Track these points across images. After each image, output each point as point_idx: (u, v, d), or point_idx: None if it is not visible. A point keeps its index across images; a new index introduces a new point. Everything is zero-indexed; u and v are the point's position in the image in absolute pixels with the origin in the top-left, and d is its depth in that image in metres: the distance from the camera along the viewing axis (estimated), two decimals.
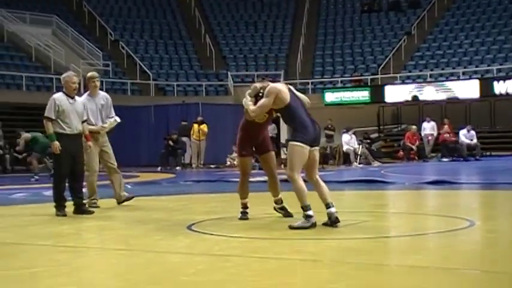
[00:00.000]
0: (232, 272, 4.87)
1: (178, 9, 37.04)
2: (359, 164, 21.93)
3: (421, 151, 25.00)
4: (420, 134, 25.35)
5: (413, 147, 24.47)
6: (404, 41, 32.26)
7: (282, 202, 7.89)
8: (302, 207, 6.82)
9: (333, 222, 6.78)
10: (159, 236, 6.76)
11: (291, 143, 6.95)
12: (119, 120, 10.14)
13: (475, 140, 24.14)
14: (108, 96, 10.12)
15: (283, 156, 24.56)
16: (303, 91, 30.37)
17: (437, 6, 33.98)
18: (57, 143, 8.65)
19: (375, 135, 28.11)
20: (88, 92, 9.79)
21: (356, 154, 22.40)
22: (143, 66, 31.56)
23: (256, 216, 7.98)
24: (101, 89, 10.40)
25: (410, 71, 30.65)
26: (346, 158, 22.96)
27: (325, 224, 6.83)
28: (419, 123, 26.11)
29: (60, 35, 31.52)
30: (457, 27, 32.50)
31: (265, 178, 8.26)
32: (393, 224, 7.73)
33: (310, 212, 6.77)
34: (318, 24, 35.82)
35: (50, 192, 9.63)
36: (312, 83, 30.93)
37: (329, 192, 6.99)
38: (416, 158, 24.70)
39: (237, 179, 8.23)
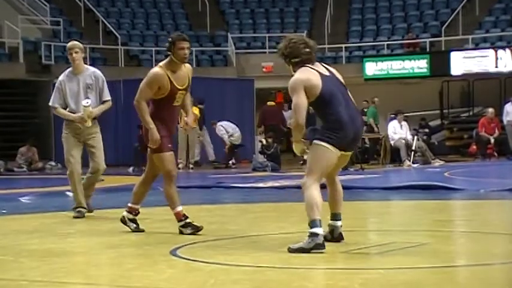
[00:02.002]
0: None
1: None
2: (413, 162, 21.91)
3: (503, 145, 24.98)
4: (502, 121, 25.29)
5: (492, 138, 24.43)
6: None
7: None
8: (309, 223, 6.94)
9: (335, 238, 7.17)
10: (132, 265, 6.76)
11: (316, 142, 7.06)
12: (109, 98, 10.80)
13: None
14: (99, 73, 10.71)
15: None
16: (334, 62, 30.75)
17: None
18: None
19: (437, 122, 28.11)
20: (70, 69, 10.48)
21: (409, 149, 22.38)
22: (108, 25, 31.58)
23: (268, 234, 8.00)
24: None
25: (487, 31, 30.53)
26: (395, 155, 22.94)
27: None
28: (500, 105, 26.06)
29: None
30: None
31: (280, 183, 8.28)
32: (461, 248, 7.73)
33: (317, 230, 6.87)
34: None
35: None
36: (346, 49, 30.88)
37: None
38: (496, 154, 24.69)
39: (242, 184, 8.30)
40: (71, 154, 10.55)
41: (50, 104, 10.54)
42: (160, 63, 8.42)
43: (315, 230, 6.86)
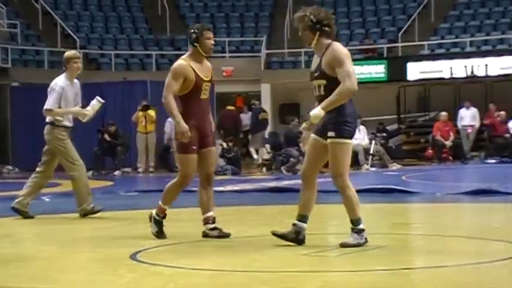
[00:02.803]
0: None
1: None
2: (371, 166, 22.02)
3: (457, 149, 25.21)
4: (456, 125, 25.52)
5: (447, 143, 24.63)
6: None
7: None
8: (353, 221, 7.15)
9: (299, 240, 7.18)
10: (93, 270, 6.74)
11: (341, 141, 7.10)
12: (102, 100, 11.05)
13: None
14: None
15: (255, 156, 24.66)
16: (293, 66, 30.84)
17: None
18: None
19: (394, 127, 28.26)
20: (67, 74, 10.84)
21: (367, 153, 22.50)
22: (66, 28, 31.30)
23: (228, 238, 8.01)
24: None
25: (443, 37, 30.80)
26: (353, 159, 22.99)
27: (280, 236, 7.18)
28: (455, 110, 26.29)
29: None
30: None
31: (240, 187, 8.32)
32: (418, 250, 7.79)
33: (362, 226, 7.15)
34: None
35: None
36: (305, 53, 30.97)
37: None
38: (451, 158, 24.91)
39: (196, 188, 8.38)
40: (76, 158, 10.89)
41: (49, 107, 10.64)
42: (182, 57, 8.32)
43: (362, 226, 7.12)
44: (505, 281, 5.96)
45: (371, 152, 22.45)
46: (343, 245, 7.09)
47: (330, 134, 7.08)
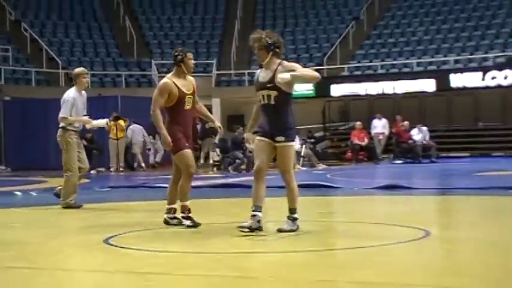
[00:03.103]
0: None
1: None
2: (302, 166, 22.08)
3: (371, 152, 25.40)
4: (370, 133, 25.74)
5: (363, 143, 24.82)
6: (352, 27, 32.66)
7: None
8: (293, 210, 7.15)
9: (260, 227, 7.07)
10: (71, 252, 6.65)
11: (290, 144, 7.13)
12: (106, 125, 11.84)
13: (427, 137, 24.70)
14: None
15: (201, 160, 24.55)
16: (239, 84, 30.85)
17: None
18: None
19: (320, 134, 28.39)
20: (77, 88, 10.95)
21: (299, 155, 22.55)
22: (51, 52, 30.96)
23: (186, 228, 7.96)
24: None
25: (359, 62, 31.06)
26: None
27: (247, 228, 7.03)
28: (369, 120, 26.51)
29: None
30: (411, 13, 33.09)
31: (195, 183, 8.28)
32: (340, 234, 7.81)
33: (297, 215, 7.15)
34: (255, 6, 35.91)
35: None
36: (249, 74, 31.00)
37: None
38: (366, 159, 25.10)
39: (164, 185, 8.27)
40: (74, 162, 10.76)
41: (64, 115, 10.66)
42: (167, 75, 8.22)
43: (296, 215, 7.16)
44: (411, 258, 6.02)
45: (302, 154, 22.49)
46: (280, 230, 7.08)
47: (280, 138, 7.08)
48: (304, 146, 22.92)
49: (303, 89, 28.32)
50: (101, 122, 11.40)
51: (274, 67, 7.15)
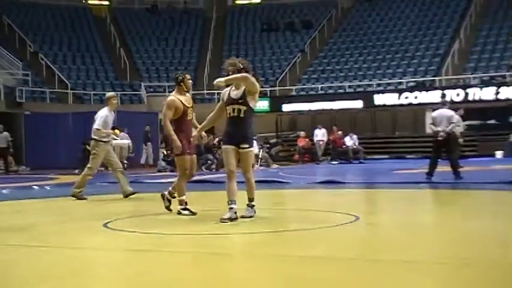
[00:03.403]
0: (148, 266, 4.78)
1: (95, 24, 36.19)
2: (260, 166, 22.10)
3: (313, 154, 25.55)
4: (312, 140, 25.87)
5: (305, 146, 24.99)
6: (298, 57, 32.82)
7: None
8: (250, 199, 7.06)
9: (237, 217, 6.89)
10: (76, 233, 6.56)
11: (250, 150, 7.05)
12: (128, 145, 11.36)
13: (357, 143, 24.95)
14: None
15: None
16: (209, 102, 30.75)
17: (327, 28, 34.80)
18: None
19: (274, 140, 28.44)
20: (109, 108, 10.84)
21: (257, 157, 22.56)
22: (61, 76, 30.62)
23: (166, 213, 7.90)
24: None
25: (304, 84, 31.19)
26: None
27: (228, 219, 6.88)
28: (312, 130, 26.64)
29: None
30: (344, 47, 33.36)
31: (174, 180, 8.21)
32: (290, 219, 7.79)
33: (254, 203, 7.08)
34: (223, 40, 35.90)
35: None
36: (218, 93, 30.92)
37: None
38: (309, 160, 25.21)
39: (149, 181, 8.17)
40: (97, 166, 10.94)
41: (97, 127, 10.67)
42: (172, 93, 8.06)
43: (254, 203, 7.09)
44: (345, 237, 6.03)
45: (260, 156, 22.51)
46: (242, 217, 7.01)
47: (244, 145, 7.02)
48: (261, 150, 22.95)
49: (260, 105, 28.39)
50: (125, 139, 11.60)
51: (244, 87, 7.09)
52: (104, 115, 10.77)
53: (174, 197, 8.02)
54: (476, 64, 29.01)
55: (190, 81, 8.15)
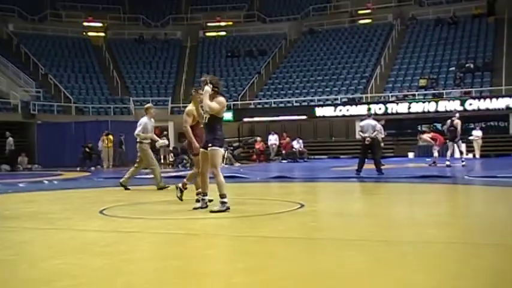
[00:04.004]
0: (134, 244, 4.75)
1: (93, 51, 35.72)
2: (225, 164, 22.06)
3: (267, 155, 25.62)
4: (267, 143, 25.93)
5: (260, 149, 25.02)
6: (256, 78, 32.86)
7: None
8: (220, 195, 6.69)
9: (207, 206, 6.89)
10: (79, 218, 6.46)
11: (214, 149, 6.70)
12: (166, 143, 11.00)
13: (302, 146, 25.14)
14: None
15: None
16: (182, 111, 30.51)
17: (278, 55, 35.00)
18: None
19: (236, 144, 28.44)
20: (148, 116, 10.54)
21: (223, 158, 22.47)
22: (66, 93, 30.12)
23: (151, 202, 7.84)
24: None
25: (260, 99, 31.24)
26: None
27: (199, 208, 6.88)
28: (266, 135, 26.71)
29: (3, 68, 29.59)
30: (291, 70, 33.53)
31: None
32: (249, 207, 7.79)
33: (226, 199, 6.69)
34: (195, 64, 35.73)
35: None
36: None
37: None
38: (264, 160, 25.26)
39: (141, 176, 8.09)
40: (152, 158, 10.63)
41: (138, 133, 10.40)
42: (190, 105, 7.95)
43: (225, 199, 6.67)
44: (293, 221, 6.06)
45: (225, 157, 22.44)
46: (211, 212, 6.75)
47: (209, 145, 6.90)
48: (226, 151, 22.88)
49: (226, 116, 28.40)
50: (162, 141, 11.29)
51: (211, 98, 7.02)
52: (143, 122, 10.53)
53: (186, 188, 7.82)
54: (393, 85, 29.60)
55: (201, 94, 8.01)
